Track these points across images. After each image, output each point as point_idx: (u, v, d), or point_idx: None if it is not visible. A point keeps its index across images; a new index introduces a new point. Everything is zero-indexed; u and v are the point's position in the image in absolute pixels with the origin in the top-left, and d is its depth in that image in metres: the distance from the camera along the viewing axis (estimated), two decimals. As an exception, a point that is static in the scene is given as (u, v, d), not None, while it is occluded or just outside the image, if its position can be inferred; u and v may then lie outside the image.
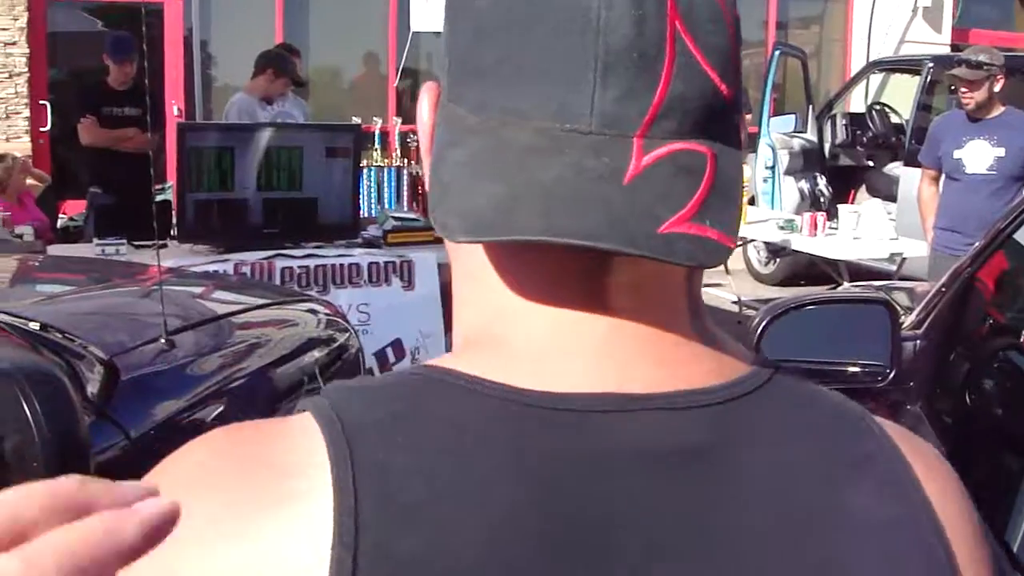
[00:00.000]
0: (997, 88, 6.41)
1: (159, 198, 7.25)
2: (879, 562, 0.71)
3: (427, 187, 0.73)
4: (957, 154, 6.49)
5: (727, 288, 9.81)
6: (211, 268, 5.63)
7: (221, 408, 2.93)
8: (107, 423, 2.46)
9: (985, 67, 6.35)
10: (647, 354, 0.72)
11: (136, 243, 6.13)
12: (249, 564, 0.63)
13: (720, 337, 0.77)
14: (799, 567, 0.69)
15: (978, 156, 6.41)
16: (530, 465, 0.66)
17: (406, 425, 0.67)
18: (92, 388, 2.48)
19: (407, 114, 13.12)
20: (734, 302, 9.53)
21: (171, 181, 8.29)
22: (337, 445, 0.66)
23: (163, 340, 2.90)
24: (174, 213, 6.75)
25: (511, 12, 0.68)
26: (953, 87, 6.87)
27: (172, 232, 6.56)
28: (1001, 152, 6.33)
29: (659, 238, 0.65)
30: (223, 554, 0.64)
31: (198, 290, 4.06)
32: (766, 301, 9.21)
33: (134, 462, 2.50)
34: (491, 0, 0.70)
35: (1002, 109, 6.47)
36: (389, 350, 6.26)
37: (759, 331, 2.45)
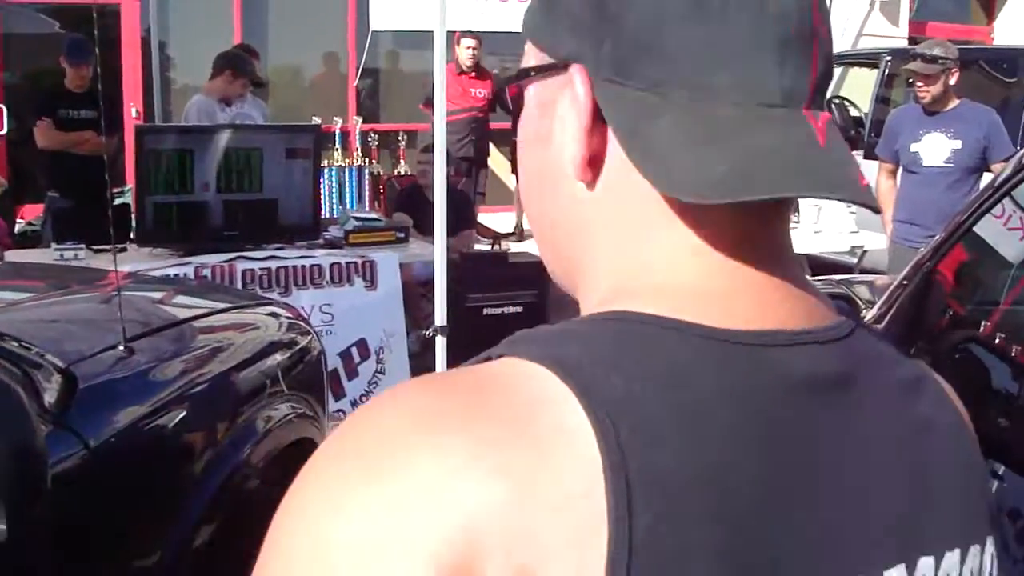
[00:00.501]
0: (952, 81, 6.44)
1: (118, 201, 7.20)
2: (949, 457, 0.88)
3: (632, 159, 0.79)
4: (914, 147, 6.52)
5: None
6: (171, 272, 5.60)
7: (183, 414, 2.91)
8: (66, 432, 2.43)
9: (940, 61, 6.38)
10: (790, 296, 0.82)
11: (95, 247, 6.08)
12: (525, 496, 0.68)
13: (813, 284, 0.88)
14: (904, 469, 0.84)
15: (935, 149, 6.44)
16: (739, 393, 0.75)
17: (625, 361, 0.74)
18: (49, 398, 2.44)
19: (367, 113, 13.09)
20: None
21: (130, 184, 8.23)
22: (576, 379, 0.71)
23: (122, 347, 2.88)
24: (133, 216, 6.70)
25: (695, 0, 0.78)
26: (910, 81, 6.90)
27: (131, 235, 6.51)
28: (958, 144, 6.36)
29: (867, 189, 0.78)
30: (499, 487, 0.68)
31: (158, 295, 4.02)
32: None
33: (94, 472, 2.48)
34: None
35: (957, 102, 6.50)
36: (354, 350, 6.25)
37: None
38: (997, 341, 3.44)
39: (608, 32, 0.80)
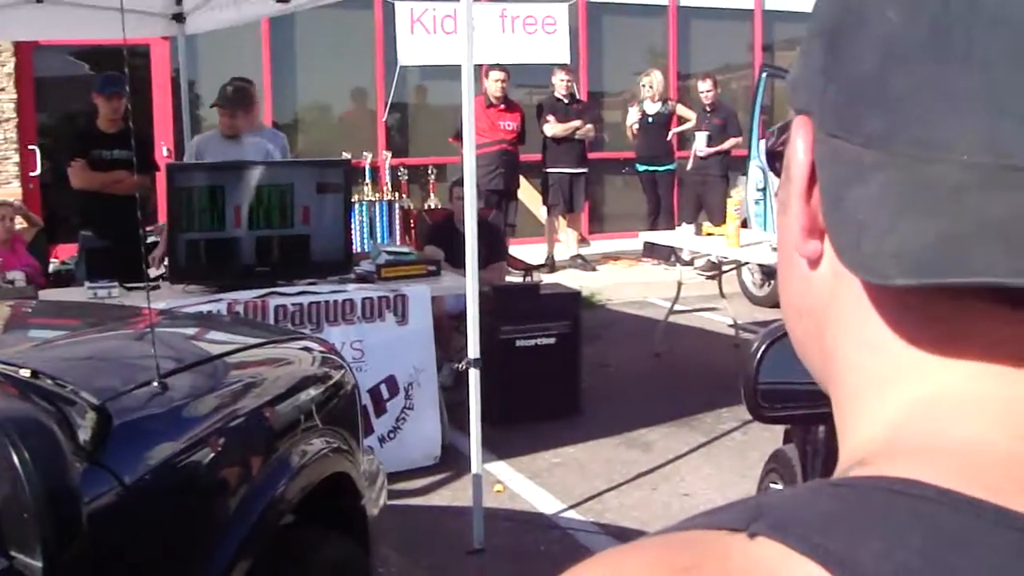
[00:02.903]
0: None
1: (150, 239, 7.23)
2: None
3: (827, 231, 0.66)
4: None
5: (723, 312, 9.80)
6: (204, 308, 5.61)
7: (218, 450, 2.90)
8: (100, 470, 2.42)
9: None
10: None
11: (128, 285, 6.10)
12: None
13: None
14: None
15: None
16: None
17: (903, 558, 0.56)
18: (84, 435, 2.44)
19: (397, 148, 13.14)
20: (730, 325, 9.51)
21: (162, 222, 8.28)
22: None
23: (156, 383, 2.87)
24: (165, 254, 6.73)
25: (934, 31, 0.61)
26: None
27: (164, 273, 6.54)
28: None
29: None
30: None
31: (191, 331, 4.03)
32: (762, 324, 9.20)
33: (129, 509, 2.47)
34: (904, 18, 0.63)
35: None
36: (383, 387, 6.25)
37: (759, 355, 2.41)
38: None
39: (833, 75, 0.66)
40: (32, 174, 11.90)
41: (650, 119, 12.56)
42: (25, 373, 2.59)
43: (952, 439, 0.62)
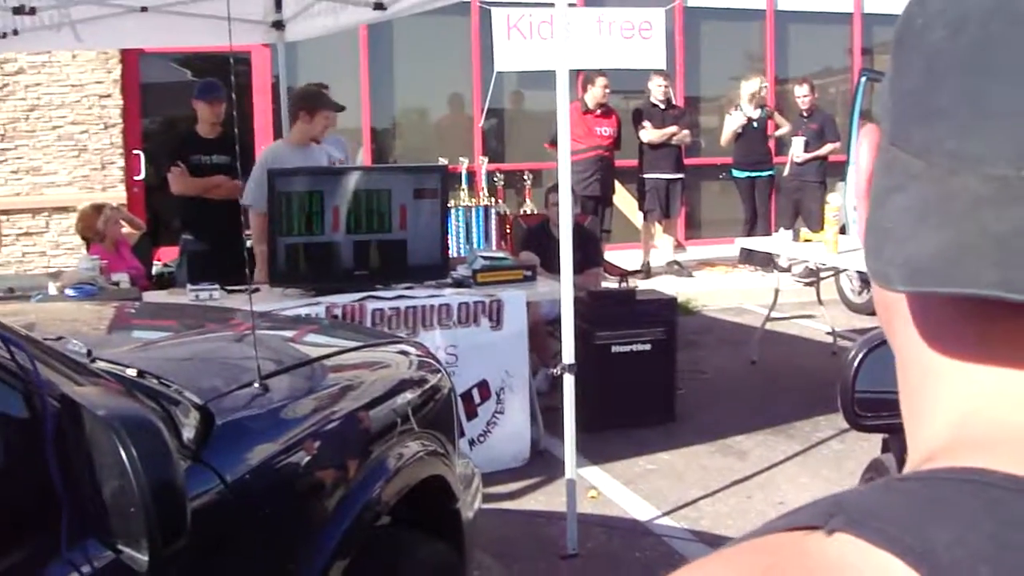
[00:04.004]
0: None
1: (249, 243, 7.33)
2: None
3: (863, 234, 0.69)
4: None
5: (820, 319, 9.69)
6: (303, 311, 5.68)
7: (316, 451, 2.94)
8: (203, 468, 2.47)
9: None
10: None
11: (229, 288, 6.20)
12: None
13: None
14: None
15: None
16: None
17: (975, 543, 0.58)
18: (188, 434, 2.49)
19: (493, 153, 13.20)
20: (828, 333, 9.40)
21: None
22: None
23: (257, 384, 2.92)
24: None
25: (974, 48, 0.63)
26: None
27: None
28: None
29: None
30: None
31: (290, 334, 4.08)
32: (860, 331, 9.09)
33: (230, 507, 2.51)
34: (948, 33, 0.65)
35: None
36: (475, 391, 6.28)
37: (856, 363, 2.39)
38: None
39: (895, 86, 0.69)
40: (136, 178, 12.15)
41: (754, 124, 12.47)
42: (132, 373, 2.65)
43: (1013, 431, 0.63)
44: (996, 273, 0.59)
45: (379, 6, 7.60)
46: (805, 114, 12.32)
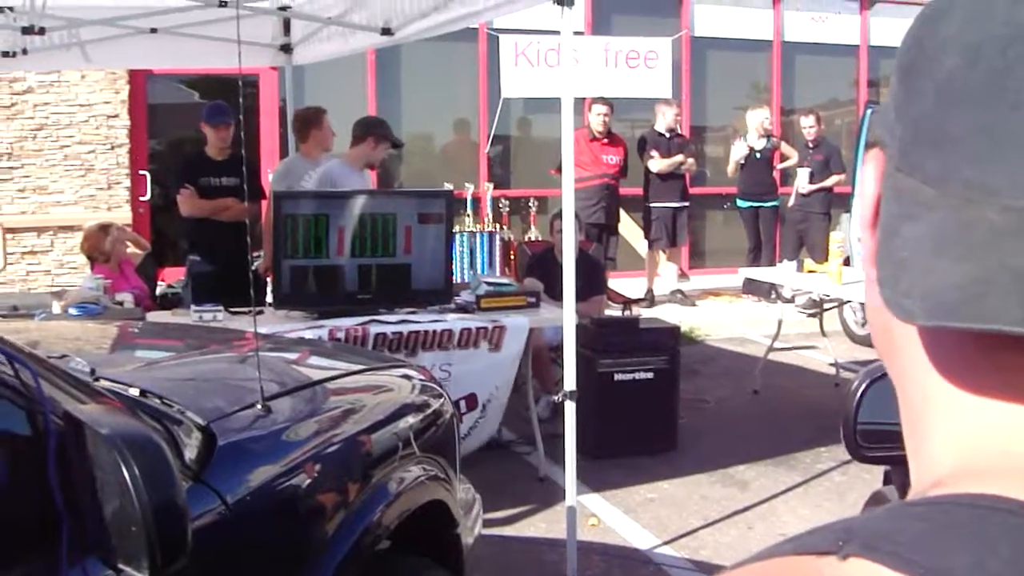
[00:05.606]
0: None
1: (254, 265, 7.34)
2: None
3: (874, 261, 0.69)
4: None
5: (823, 350, 9.68)
6: (306, 334, 5.69)
7: (317, 474, 2.93)
8: (204, 489, 2.47)
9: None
10: None
11: (233, 310, 6.21)
12: None
13: None
14: None
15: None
16: None
17: (995, 568, 0.58)
18: (190, 454, 2.49)
19: (498, 179, 13.22)
20: (831, 364, 9.39)
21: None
22: None
23: (260, 406, 2.92)
24: (269, 280, 6.83)
25: (990, 76, 0.63)
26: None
27: (268, 299, 6.63)
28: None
29: None
30: None
31: (293, 356, 4.09)
32: (863, 363, 9.07)
33: (231, 528, 2.51)
34: (964, 61, 0.64)
35: None
36: (462, 402, 6.30)
37: (859, 395, 2.39)
38: None
39: (902, 112, 0.68)
40: (142, 198, 12.17)
41: (757, 154, 12.49)
42: (134, 392, 2.66)
43: (1022, 460, 0.63)
44: (1021, 310, 0.58)
45: (387, 31, 7.61)
46: (811, 145, 12.34)
